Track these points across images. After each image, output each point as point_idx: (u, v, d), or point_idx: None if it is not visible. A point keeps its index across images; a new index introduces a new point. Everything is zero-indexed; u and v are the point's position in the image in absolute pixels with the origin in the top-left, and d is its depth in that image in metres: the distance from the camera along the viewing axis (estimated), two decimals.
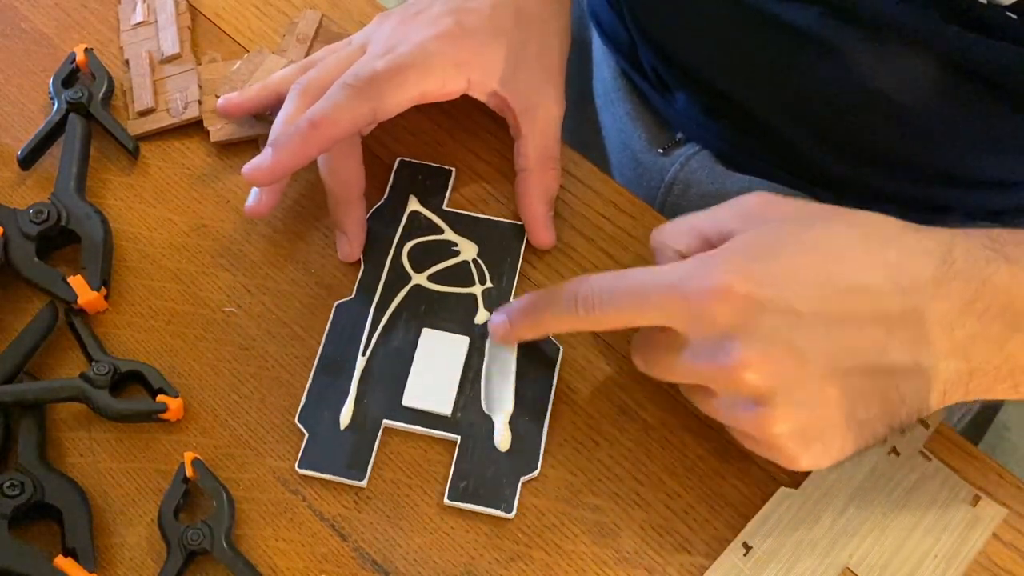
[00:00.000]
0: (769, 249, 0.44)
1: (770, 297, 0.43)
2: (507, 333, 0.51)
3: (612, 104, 0.75)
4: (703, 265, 0.44)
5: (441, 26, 0.55)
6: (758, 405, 0.43)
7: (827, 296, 0.43)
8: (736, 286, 0.43)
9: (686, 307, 0.44)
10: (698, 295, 0.43)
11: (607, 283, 0.46)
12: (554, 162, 0.57)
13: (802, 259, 0.44)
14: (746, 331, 0.42)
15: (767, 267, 0.43)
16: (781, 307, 0.42)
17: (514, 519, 0.49)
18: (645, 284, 0.45)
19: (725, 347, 0.43)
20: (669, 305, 0.44)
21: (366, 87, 0.53)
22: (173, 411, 0.51)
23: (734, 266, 0.43)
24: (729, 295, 0.43)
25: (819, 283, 0.43)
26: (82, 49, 0.61)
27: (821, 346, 0.42)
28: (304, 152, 0.52)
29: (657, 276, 0.45)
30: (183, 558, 0.47)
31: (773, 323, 0.42)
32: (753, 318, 0.42)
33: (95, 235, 0.55)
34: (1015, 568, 0.48)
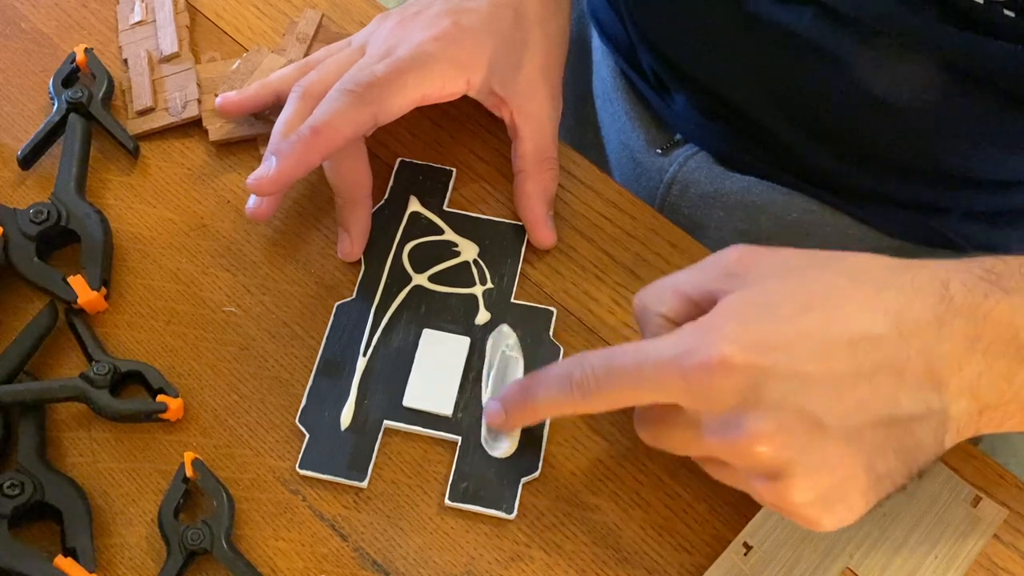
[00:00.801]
0: (762, 311, 0.42)
1: (773, 363, 0.41)
2: (503, 422, 0.48)
3: (611, 104, 0.75)
4: (697, 337, 0.42)
5: (439, 27, 0.55)
6: (775, 478, 0.42)
7: (832, 353, 0.41)
8: (735, 357, 0.40)
9: (686, 385, 0.41)
10: (697, 372, 0.41)
11: (601, 364, 0.44)
12: (552, 162, 0.57)
13: (799, 318, 0.42)
14: (755, 403, 0.41)
15: (764, 331, 0.41)
16: (786, 372, 0.41)
17: (514, 519, 0.49)
18: (641, 364, 0.43)
19: (735, 422, 0.41)
20: (669, 384, 0.42)
21: (366, 92, 0.52)
22: (173, 411, 0.51)
23: (730, 334, 0.41)
24: (731, 368, 0.40)
25: (821, 340, 0.41)
26: (82, 49, 0.61)
27: (833, 406, 0.41)
28: (307, 160, 0.52)
29: (652, 353, 0.43)
30: (183, 558, 0.47)
31: (781, 390, 0.40)
32: (760, 388, 0.40)
33: (95, 235, 0.55)
34: (1015, 568, 0.48)
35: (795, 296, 0.43)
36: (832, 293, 0.43)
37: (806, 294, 0.43)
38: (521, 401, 0.47)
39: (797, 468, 0.41)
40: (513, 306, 0.54)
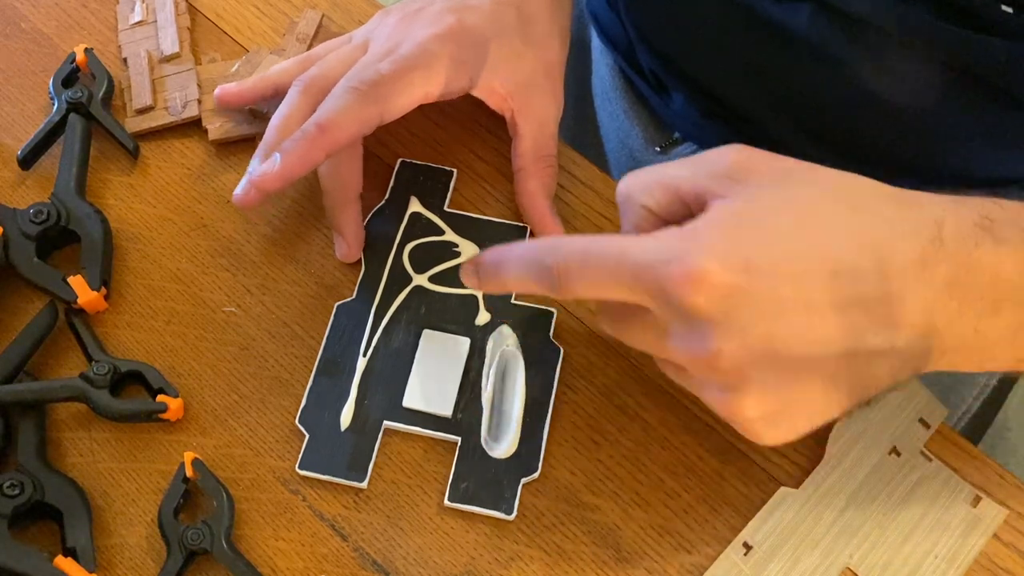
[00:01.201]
0: (751, 227, 0.42)
1: (752, 285, 0.40)
2: (475, 284, 0.48)
3: (610, 103, 0.75)
4: (681, 244, 0.41)
5: (443, 24, 0.55)
6: (729, 390, 0.42)
7: (812, 281, 0.41)
8: (716, 274, 0.40)
9: (661, 291, 0.41)
10: (674, 281, 0.40)
11: (578, 257, 0.43)
12: (551, 160, 0.57)
13: (787, 239, 0.41)
14: (724, 322, 0.40)
15: (749, 250, 0.41)
16: (763, 295, 0.40)
17: (514, 519, 0.49)
18: (620, 264, 0.42)
19: (701, 335, 0.41)
20: (643, 287, 0.41)
21: (372, 90, 0.52)
22: (173, 411, 0.51)
23: (715, 249, 0.41)
24: (710, 284, 0.40)
25: (804, 268, 0.41)
26: (82, 49, 0.61)
27: (801, 335, 0.41)
28: (312, 156, 0.52)
29: (632, 255, 0.42)
30: (183, 558, 0.47)
31: (753, 312, 0.40)
32: (733, 308, 0.40)
33: (95, 235, 0.55)
34: (1015, 568, 0.48)
35: (788, 215, 0.42)
36: (826, 216, 0.42)
37: (800, 214, 0.42)
38: (493, 273, 0.46)
39: (752, 386, 0.42)
40: (513, 307, 0.54)
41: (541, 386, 0.52)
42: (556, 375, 0.52)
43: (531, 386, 0.52)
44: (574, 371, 0.53)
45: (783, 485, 0.49)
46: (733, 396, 0.42)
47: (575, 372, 0.53)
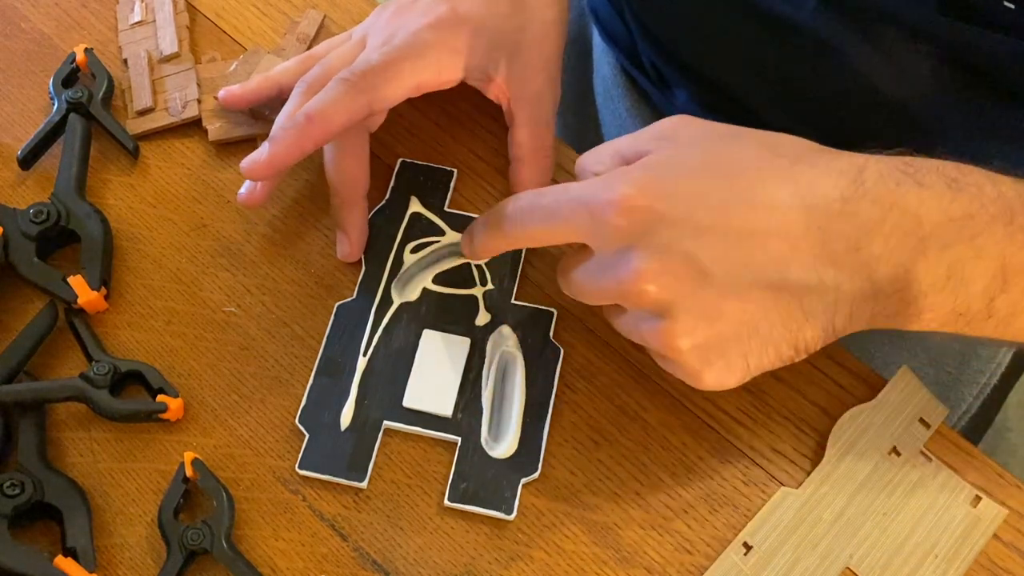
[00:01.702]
0: (674, 165, 0.45)
1: (669, 208, 0.43)
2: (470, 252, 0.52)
3: (612, 102, 0.75)
4: (608, 179, 0.45)
5: (436, 14, 0.55)
6: (659, 318, 0.44)
7: (730, 210, 0.43)
8: (636, 198, 0.43)
9: (590, 219, 0.44)
10: (600, 206, 0.44)
11: (528, 200, 0.47)
12: (548, 150, 0.58)
13: (706, 174, 0.44)
14: (645, 242, 0.43)
15: (670, 181, 0.44)
16: (680, 219, 0.43)
17: (514, 519, 0.49)
18: (558, 200, 0.46)
19: (625, 258, 0.44)
20: (575, 218, 0.45)
21: (361, 80, 0.53)
22: (173, 411, 0.51)
23: (637, 179, 0.44)
24: (629, 206, 0.43)
25: (722, 197, 0.44)
26: (82, 49, 0.61)
27: (721, 259, 0.43)
28: (300, 146, 0.52)
29: (567, 192, 0.46)
30: (183, 558, 0.47)
31: (672, 234, 0.43)
32: (652, 229, 0.43)
33: (95, 235, 0.55)
34: (1015, 568, 0.48)
35: (709, 157, 0.45)
36: (746, 159, 0.45)
37: (721, 157, 0.45)
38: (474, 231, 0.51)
39: (679, 311, 0.43)
40: (513, 307, 0.54)
41: (541, 386, 0.52)
42: (556, 375, 0.52)
43: (531, 386, 0.52)
44: (574, 371, 0.53)
45: (783, 485, 0.49)
46: (663, 323, 0.44)
47: (575, 372, 0.53)
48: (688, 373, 0.46)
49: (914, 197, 0.43)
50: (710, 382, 0.45)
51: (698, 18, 0.64)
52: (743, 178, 0.44)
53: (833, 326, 0.44)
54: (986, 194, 0.44)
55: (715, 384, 0.46)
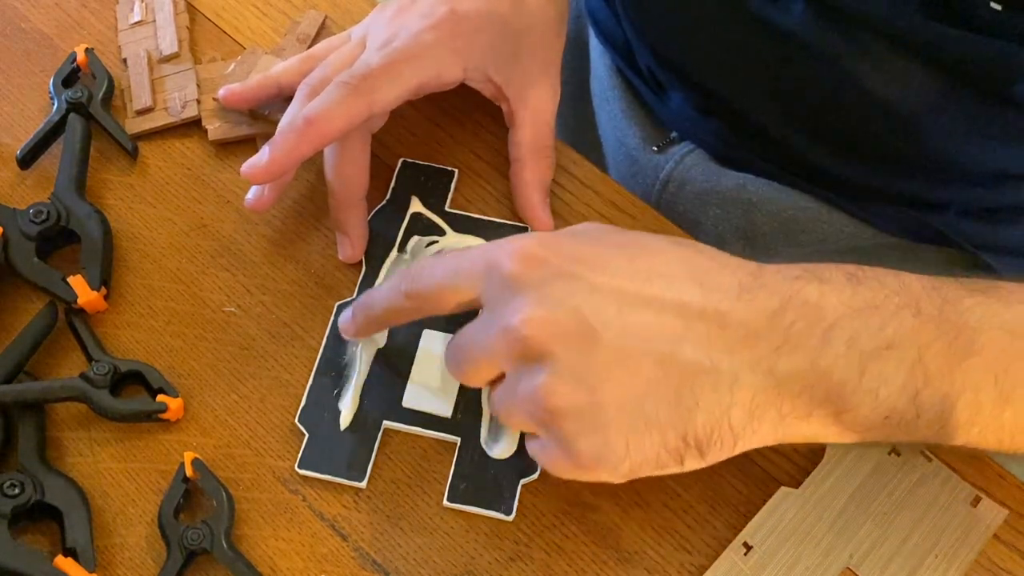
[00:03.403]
0: (579, 237, 0.45)
1: (568, 266, 0.42)
2: (348, 328, 0.51)
3: (608, 102, 0.75)
4: (509, 237, 0.45)
5: (436, 15, 0.55)
6: (537, 373, 0.41)
7: (628, 277, 0.42)
8: (533, 249, 0.43)
9: (485, 268, 0.43)
10: (496, 255, 0.43)
11: (427, 260, 0.47)
12: (548, 151, 0.58)
13: (609, 249, 0.44)
14: (534, 290, 0.42)
15: (570, 244, 0.44)
16: (575, 275, 0.42)
17: (514, 519, 0.49)
18: (458, 255, 0.46)
19: (511, 305, 0.42)
20: (472, 268, 0.44)
21: (360, 83, 0.53)
22: (173, 411, 0.51)
23: (538, 236, 0.45)
24: (524, 255, 0.43)
25: (621, 266, 0.43)
26: (82, 49, 0.61)
27: (612, 322, 0.41)
28: (299, 150, 0.53)
29: (468, 253, 0.45)
30: (183, 558, 0.47)
31: (565, 288, 0.42)
32: (544, 280, 0.42)
33: (95, 235, 0.55)
34: (1015, 568, 0.48)
35: (613, 238, 0.45)
36: (649, 244, 0.44)
37: (625, 239, 0.45)
38: (366, 303, 0.50)
39: (560, 366, 0.41)
40: None
41: None
42: None
43: None
44: None
45: (783, 485, 0.49)
46: (541, 378, 0.41)
47: None
48: (562, 446, 0.42)
49: (814, 290, 0.42)
50: (586, 455, 0.41)
51: (690, 23, 0.64)
52: (643, 257, 0.43)
53: (729, 421, 0.41)
54: (888, 285, 0.42)
55: (589, 459, 0.41)
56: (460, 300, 0.45)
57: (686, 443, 0.41)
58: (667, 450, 0.41)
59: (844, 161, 0.63)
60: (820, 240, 0.67)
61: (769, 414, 0.41)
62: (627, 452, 0.41)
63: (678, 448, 0.41)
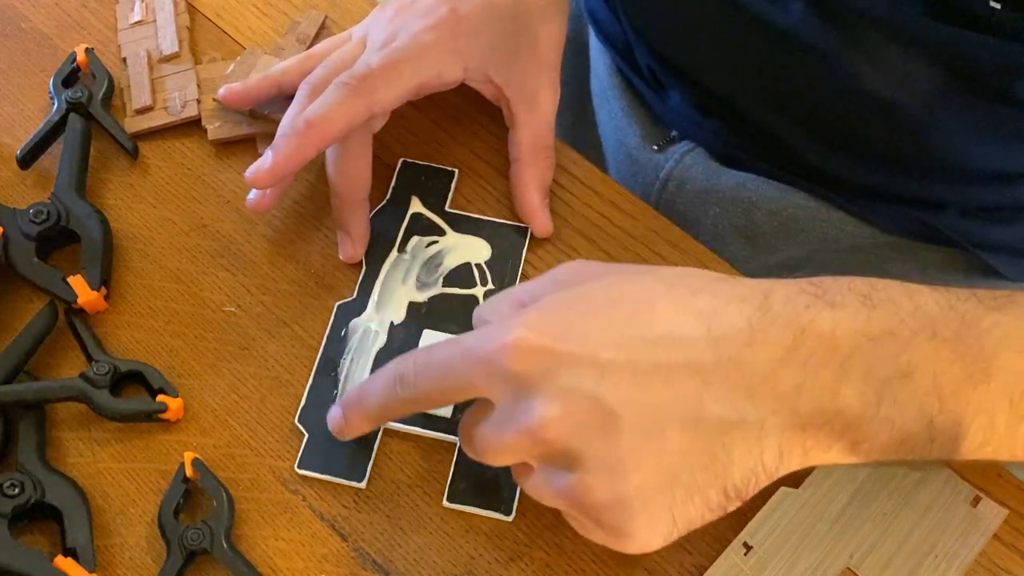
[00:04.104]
0: (569, 304, 0.42)
1: (569, 349, 0.40)
2: (341, 428, 0.49)
3: (608, 101, 0.75)
4: (500, 324, 0.42)
5: (436, 15, 0.55)
6: (570, 472, 0.40)
7: (633, 347, 0.40)
8: (530, 339, 0.40)
9: (485, 369, 0.41)
10: (494, 353, 0.41)
11: (421, 357, 0.44)
12: (548, 151, 0.58)
13: (605, 312, 0.41)
14: (545, 386, 0.40)
15: (564, 319, 0.41)
16: (581, 358, 0.40)
17: (514, 519, 0.49)
18: (450, 353, 0.43)
19: (525, 406, 0.40)
20: (469, 370, 0.42)
21: (361, 84, 0.53)
22: (173, 411, 0.51)
23: (530, 321, 0.41)
24: (523, 349, 0.40)
25: (623, 334, 0.40)
26: (83, 49, 0.61)
27: (629, 399, 0.39)
28: (301, 152, 0.53)
29: (460, 342, 0.43)
30: (183, 558, 0.47)
31: (573, 376, 0.40)
32: (550, 372, 0.40)
33: (95, 235, 0.55)
34: (1015, 568, 0.48)
35: (606, 294, 0.42)
36: (644, 295, 0.42)
37: (617, 293, 0.42)
38: (356, 401, 0.47)
39: (589, 461, 0.40)
40: None
41: None
42: None
43: None
44: None
45: (783, 485, 0.49)
46: (574, 478, 0.40)
47: None
48: (610, 533, 0.41)
49: (827, 318, 0.40)
50: (636, 543, 0.41)
51: (689, 21, 0.64)
52: (641, 313, 0.41)
53: (763, 466, 0.41)
54: (904, 308, 0.41)
55: (640, 544, 0.41)
56: (462, 399, 0.45)
57: (727, 497, 0.41)
58: (710, 508, 0.41)
59: (844, 160, 0.63)
60: (820, 239, 0.67)
61: (796, 451, 0.41)
62: (674, 524, 0.41)
63: (721, 503, 0.41)
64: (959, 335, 0.41)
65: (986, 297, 0.42)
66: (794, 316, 0.40)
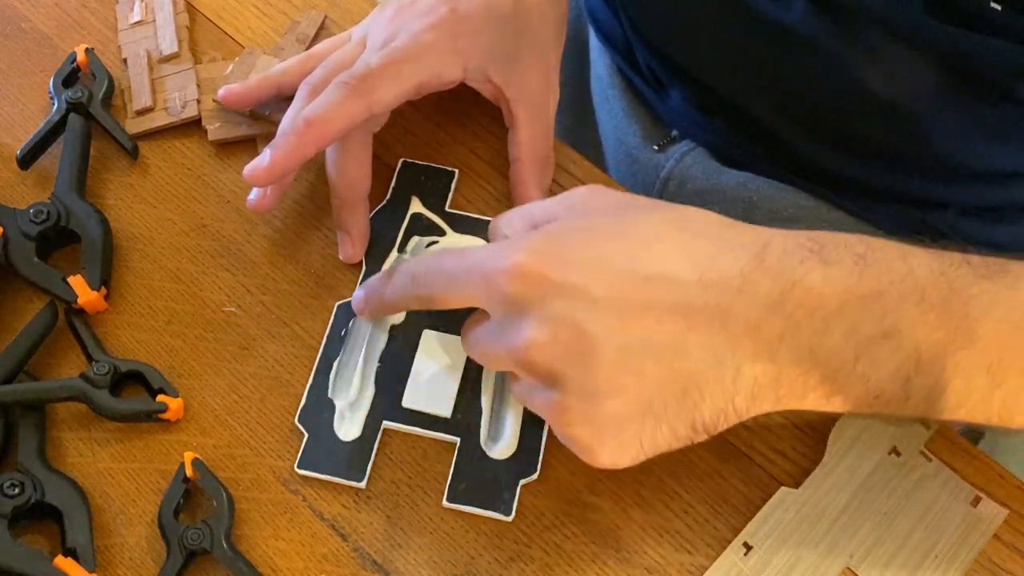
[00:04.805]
0: (572, 233, 0.44)
1: (563, 278, 0.42)
2: (362, 308, 0.52)
3: (608, 101, 0.75)
4: (505, 245, 0.44)
5: (436, 15, 0.55)
6: (550, 390, 0.43)
7: (625, 283, 0.42)
8: (528, 265, 0.42)
9: (484, 285, 0.44)
10: (494, 273, 0.43)
11: (433, 262, 0.47)
12: (548, 151, 0.58)
13: (605, 245, 0.43)
14: (536, 311, 0.42)
15: (564, 247, 0.43)
16: (574, 290, 0.42)
17: (514, 519, 0.49)
18: (458, 263, 0.46)
19: (515, 326, 0.43)
20: (471, 284, 0.45)
21: (360, 84, 0.53)
22: (173, 411, 0.51)
23: (531, 246, 0.43)
24: (522, 274, 0.42)
25: (619, 270, 0.42)
26: (83, 49, 0.61)
27: (614, 333, 0.41)
28: (300, 151, 0.53)
29: (468, 256, 0.45)
30: (183, 558, 0.47)
31: (564, 305, 0.42)
32: (544, 298, 0.42)
33: (95, 235, 0.55)
34: (1015, 568, 0.48)
35: (611, 226, 0.44)
36: (647, 232, 0.44)
37: (622, 228, 0.44)
38: (376, 288, 0.51)
39: (569, 384, 0.42)
40: None
41: None
42: None
43: None
44: None
45: (783, 485, 0.49)
46: (554, 395, 0.43)
47: None
48: (581, 449, 0.44)
49: (819, 274, 0.42)
50: (604, 460, 0.44)
51: (690, 20, 0.64)
52: (641, 250, 0.43)
53: (734, 406, 0.43)
54: (895, 271, 0.42)
55: (609, 462, 0.44)
56: (464, 305, 0.47)
57: (695, 430, 0.43)
58: (677, 438, 0.44)
59: (844, 159, 0.63)
60: None
61: (769, 397, 0.43)
62: (641, 448, 0.44)
63: (688, 435, 0.44)
64: (947, 300, 0.42)
65: (979, 264, 0.43)
66: (787, 270, 0.42)
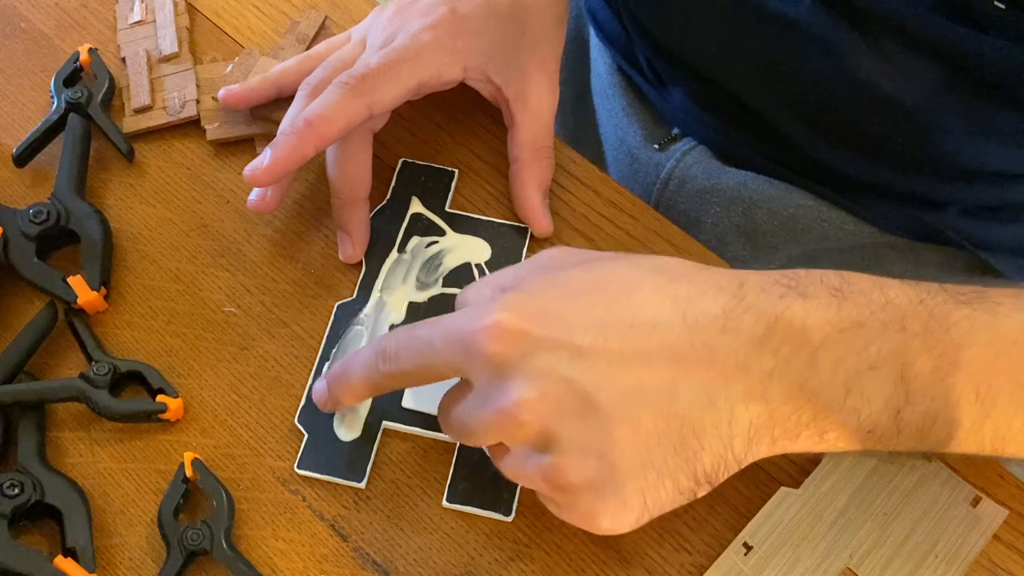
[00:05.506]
0: (551, 290, 0.43)
1: (546, 332, 0.41)
2: (325, 400, 0.49)
3: (608, 100, 0.75)
4: (481, 307, 0.43)
5: (436, 15, 0.55)
6: (544, 454, 0.41)
7: (610, 332, 0.41)
8: (508, 322, 0.41)
9: (464, 349, 0.42)
10: (473, 335, 0.41)
11: (404, 335, 0.45)
12: (548, 151, 0.58)
13: (584, 296, 0.42)
14: (521, 368, 0.41)
15: (543, 303, 0.42)
16: (558, 342, 0.41)
17: (514, 519, 0.49)
18: (432, 330, 0.44)
19: (502, 388, 0.41)
20: (449, 350, 0.43)
21: (359, 84, 0.53)
22: (173, 411, 0.51)
23: (509, 304, 0.42)
24: (501, 332, 0.41)
25: (602, 319, 0.41)
26: (86, 49, 0.61)
27: (605, 383, 0.40)
28: (300, 151, 0.53)
29: (442, 322, 0.44)
30: (183, 558, 0.47)
31: (549, 359, 0.40)
32: (528, 354, 0.41)
33: (95, 235, 0.55)
34: (1015, 568, 0.48)
35: (585, 280, 0.43)
36: (624, 279, 0.43)
37: (597, 279, 0.43)
38: (340, 375, 0.48)
39: (564, 443, 0.41)
40: None
41: None
42: None
43: None
44: None
45: (783, 485, 0.49)
46: (549, 460, 0.41)
47: None
48: (583, 515, 0.42)
49: (799, 309, 0.41)
50: (607, 524, 0.42)
51: (694, 15, 0.64)
52: (621, 298, 0.42)
53: (733, 452, 0.42)
54: (874, 301, 0.42)
55: (612, 526, 0.42)
56: (442, 377, 0.45)
57: (697, 481, 0.42)
58: (680, 492, 0.42)
59: (845, 156, 0.63)
60: (821, 238, 0.67)
61: (764, 439, 0.42)
62: (645, 507, 0.42)
63: (691, 488, 0.42)
64: (928, 328, 0.41)
65: (956, 292, 0.43)
66: (768, 305, 0.41)
